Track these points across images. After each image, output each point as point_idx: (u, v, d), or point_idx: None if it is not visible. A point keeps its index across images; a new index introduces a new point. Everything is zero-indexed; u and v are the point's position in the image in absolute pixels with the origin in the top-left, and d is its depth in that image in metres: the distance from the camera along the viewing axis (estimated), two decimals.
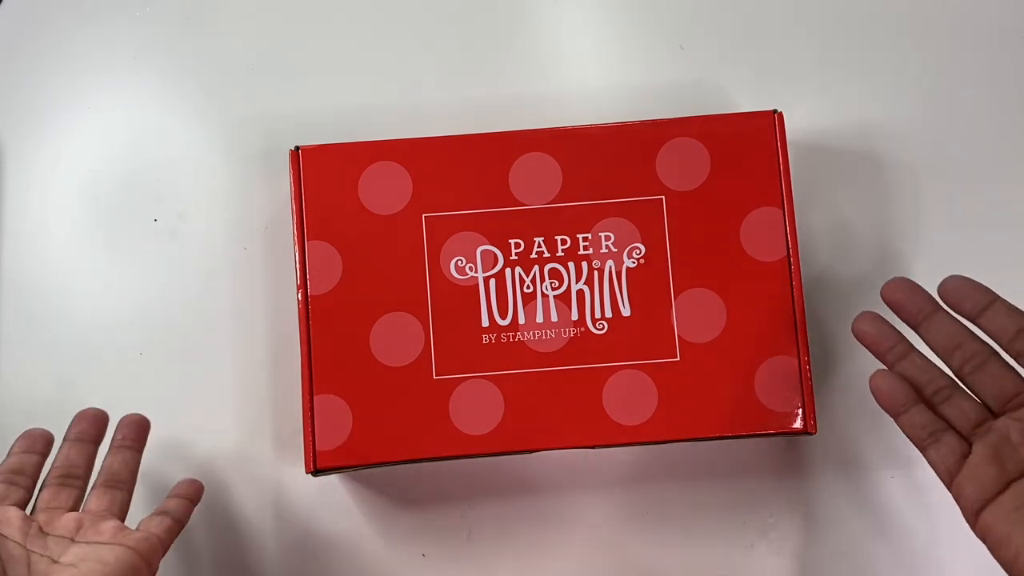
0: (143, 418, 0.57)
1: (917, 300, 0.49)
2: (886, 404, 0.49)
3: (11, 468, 0.52)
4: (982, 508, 0.45)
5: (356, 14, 0.65)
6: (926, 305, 0.49)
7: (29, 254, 0.63)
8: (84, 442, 0.54)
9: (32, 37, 0.66)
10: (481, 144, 0.56)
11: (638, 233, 0.56)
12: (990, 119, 0.63)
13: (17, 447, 0.53)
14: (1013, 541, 0.44)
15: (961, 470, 0.47)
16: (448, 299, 0.55)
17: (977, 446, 0.47)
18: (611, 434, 0.54)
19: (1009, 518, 0.44)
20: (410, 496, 0.60)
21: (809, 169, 0.61)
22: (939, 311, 0.49)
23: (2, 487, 0.51)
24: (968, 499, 0.46)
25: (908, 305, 0.49)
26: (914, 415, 0.48)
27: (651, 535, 0.60)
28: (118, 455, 0.55)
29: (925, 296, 0.49)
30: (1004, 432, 0.46)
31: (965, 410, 0.48)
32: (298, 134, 0.59)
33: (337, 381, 0.55)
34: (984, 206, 0.62)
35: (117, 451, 0.55)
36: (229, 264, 0.63)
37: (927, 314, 0.49)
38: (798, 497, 0.60)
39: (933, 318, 0.49)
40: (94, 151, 0.64)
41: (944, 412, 0.48)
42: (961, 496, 0.46)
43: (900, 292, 0.49)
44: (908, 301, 0.49)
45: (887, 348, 0.50)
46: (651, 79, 0.64)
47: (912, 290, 0.49)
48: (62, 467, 0.53)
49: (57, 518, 0.51)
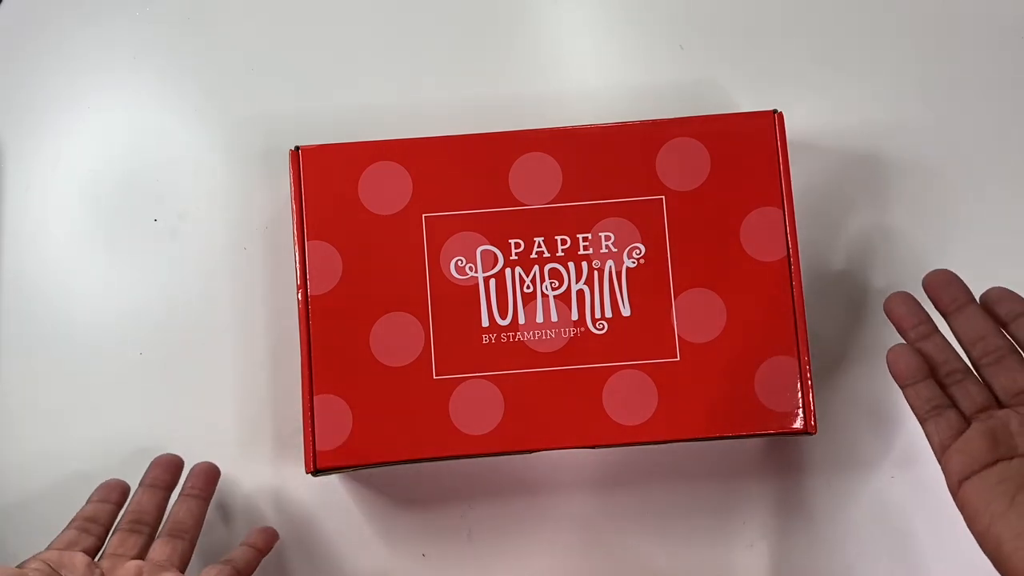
0: (214, 467, 0.58)
1: (954, 290, 0.51)
2: (897, 373, 0.50)
3: (86, 516, 0.54)
4: (966, 478, 0.47)
5: (356, 14, 0.65)
6: (961, 296, 0.51)
7: (29, 254, 0.63)
8: (157, 488, 0.55)
9: (32, 37, 0.66)
10: (481, 144, 0.56)
11: (638, 233, 0.55)
12: (990, 119, 0.63)
13: (95, 496, 0.55)
14: (989, 511, 0.45)
15: (954, 444, 0.48)
16: (448, 299, 0.55)
17: (975, 425, 0.48)
18: (611, 434, 0.54)
19: (991, 490, 0.46)
20: (410, 496, 0.60)
21: (809, 169, 0.61)
22: (972, 304, 0.51)
23: (74, 533, 0.53)
24: (954, 468, 0.47)
25: (945, 293, 0.51)
26: (921, 388, 0.50)
27: (651, 535, 0.60)
28: (185, 504, 0.55)
29: (963, 288, 0.51)
30: (1005, 420, 0.48)
31: (972, 394, 0.49)
32: (298, 134, 0.59)
33: (337, 381, 0.55)
34: (984, 206, 0.62)
35: (185, 499, 0.56)
36: (229, 264, 0.63)
37: (960, 305, 0.51)
38: (798, 497, 0.60)
39: (965, 309, 0.50)
40: (94, 151, 0.64)
41: (952, 392, 0.50)
42: (949, 465, 0.48)
43: (940, 280, 0.51)
44: (946, 290, 0.51)
45: (912, 325, 0.51)
46: (651, 79, 0.64)
47: (951, 280, 0.51)
48: (134, 512, 0.54)
49: (120, 565, 0.51)
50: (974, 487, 0.46)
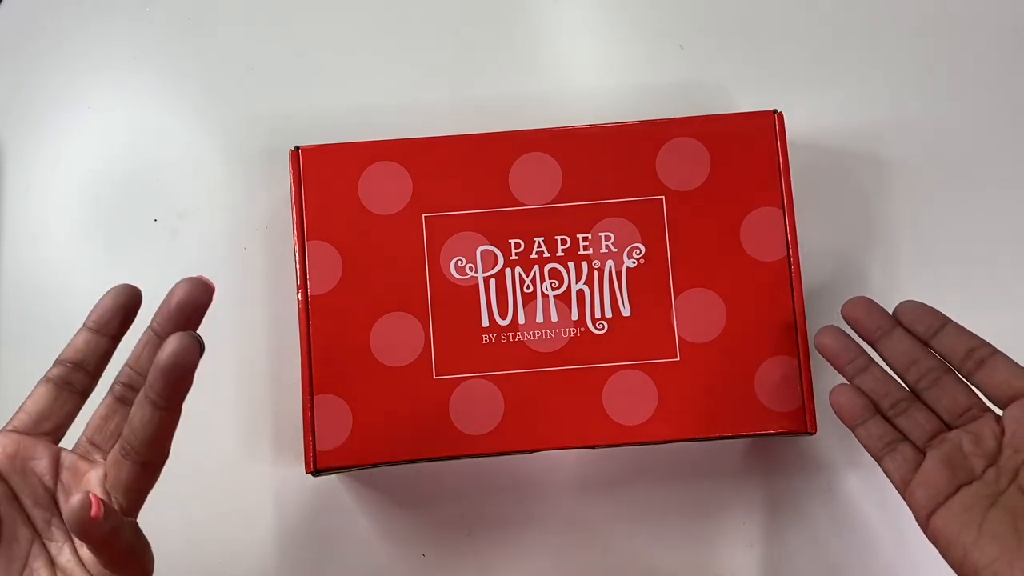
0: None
1: (875, 318, 0.51)
2: (844, 417, 0.50)
3: (72, 359, 0.45)
4: (933, 511, 0.47)
5: (356, 14, 0.65)
6: (884, 323, 0.50)
7: (29, 254, 0.63)
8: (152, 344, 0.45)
9: (32, 37, 0.66)
10: (481, 144, 0.56)
11: (638, 233, 0.56)
12: (990, 119, 0.63)
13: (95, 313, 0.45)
14: (961, 541, 0.45)
15: (914, 477, 0.48)
16: (448, 299, 0.55)
17: (930, 454, 0.48)
18: (611, 434, 0.54)
19: (958, 520, 0.46)
20: (410, 496, 0.60)
21: (809, 169, 0.61)
22: (896, 328, 0.50)
23: (50, 390, 0.43)
24: (920, 503, 0.47)
25: (866, 322, 0.51)
26: (871, 426, 0.50)
27: (651, 535, 0.60)
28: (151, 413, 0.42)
29: (883, 314, 0.51)
30: (957, 442, 0.48)
31: (920, 422, 0.49)
32: (298, 134, 0.59)
33: (337, 381, 0.55)
34: (984, 206, 0.62)
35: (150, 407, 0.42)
36: (229, 264, 0.63)
37: (885, 331, 0.50)
38: (798, 497, 0.60)
39: (891, 335, 0.50)
40: (94, 151, 0.64)
41: (900, 424, 0.50)
42: (913, 501, 0.48)
43: (859, 310, 0.51)
44: (867, 319, 0.51)
45: (847, 361, 0.51)
46: (651, 79, 0.64)
47: (870, 308, 0.51)
48: (128, 375, 0.45)
49: (82, 475, 0.43)
50: (942, 519, 0.46)
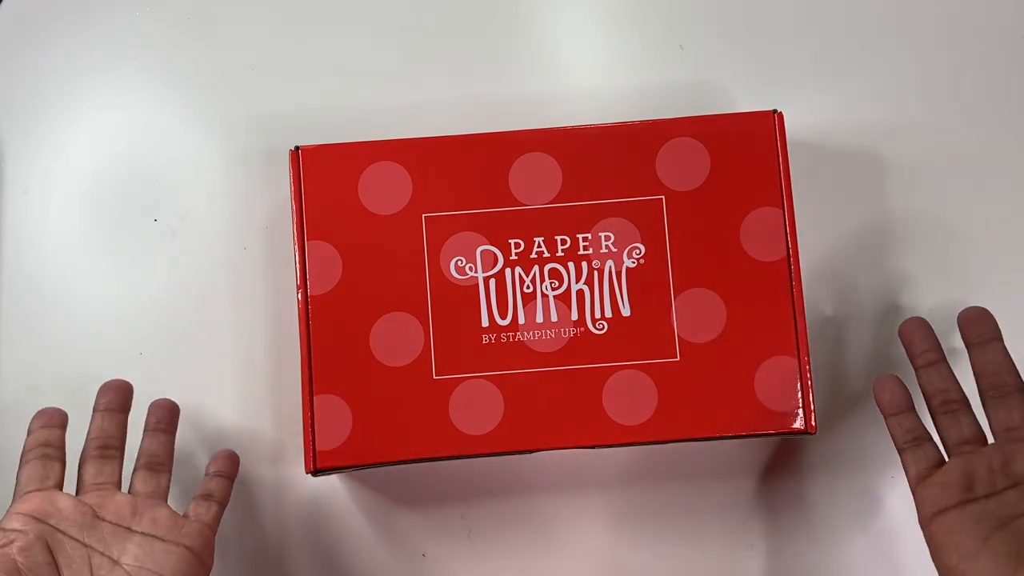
0: (173, 403, 0.57)
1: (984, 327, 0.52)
2: (883, 404, 0.52)
3: (40, 442, 0.51)
4: (942, 511, 0.47)
5: (356, 14, 0.65)
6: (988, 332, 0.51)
7: (29, 254, 0.63)
8: (114, 412, 0.54)
9: (32, 37, 0.66)
10: (481, 144, 0.56)
11: (638, 233, 0.55)
12: (990, 119, 0.63)
13: (36, 423, 0.53)
14: (959, 549, 0.46)
15: (931, 475, 0.49)
16: (448, 299, 0.55)
17: (954, 459, 0.49)
18: (611, 434, 0.54)
19: (965, 528, 0.46)
20: (410, 496, 0.60)
21: (809, 169, 0.61)
22: (997, 341, 0.51)
23: (39, 465, 0.50)
24: (931, 500, 0.48)
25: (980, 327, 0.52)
26: (903, 419, 0.51)
27: (651, 535, 0.60)
28: (155, 438, 0.55)
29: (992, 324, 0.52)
30: (987, 457, 0.48)
31: (962, 426, 0.50)
32: (298, 134, 0.59)
33: (337, 381, 0.55)
34: (984, 205, 0.62)
35: (153, 434, 0.55)
36: (229, 264, 0.63)
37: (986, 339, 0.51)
38: (798, 497, 0.60)
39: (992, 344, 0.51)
40: (94, 151, 0.64)
41: (941, 422, 0.50)
42: (926, 495, 0.48)
43: (975, 313, 0.52)
44: (975, 325, 0.52)
45: (920, 351, 0.52)
46: (651, 79, 0.64)
47: (984, 316, 0.52)
48: (99, 438, 0.53)
49: (109, 500, 0.50)
50: (948, 522, 0.47)
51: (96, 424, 0.53)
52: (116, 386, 0.55)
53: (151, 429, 0.55)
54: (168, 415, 0.56)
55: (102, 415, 0.54)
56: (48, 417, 0.53)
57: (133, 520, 0.50)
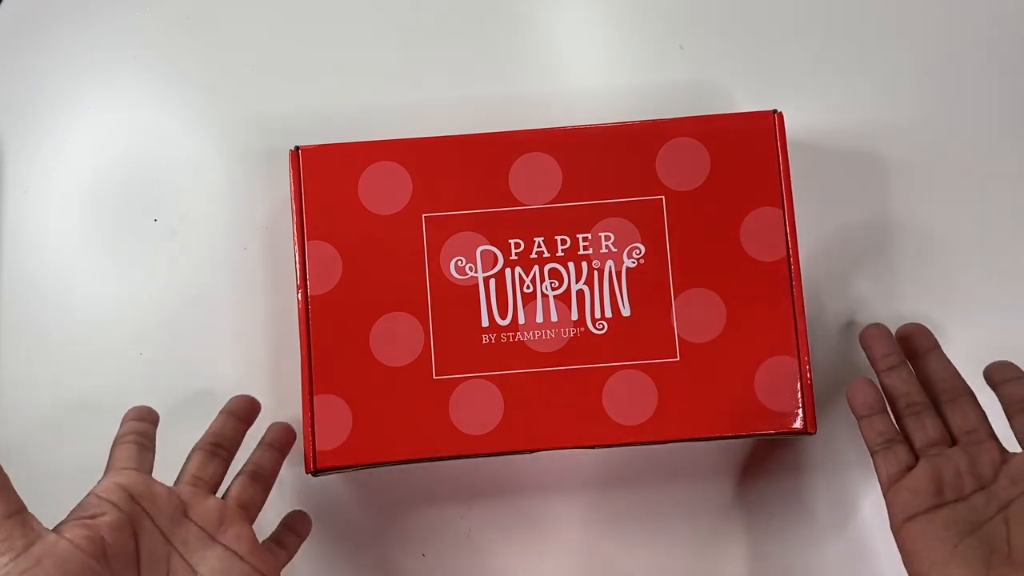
0: (292, 429, 0.57)
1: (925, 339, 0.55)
2: (855, 406, 0.52)
3: (135, 431, 0.51)
4: (912, 517, 0.47)
5: (356, 14, 0.65)
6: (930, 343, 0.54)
7: (29, 254, 0.63)
8: (238, 419, 0.54)
9: (32, 37, 0.66)
10: (481, 144, 0.56)
11: (638, 233, 0.56)
12: (990, 119, 0.63)
13: (131, 415, 0.52)
14: (929, 556, 0.46)
15: (901, 480, 0.49)
16: (448, 299, 0.55)
17: (923, 462, 0.49)
18: (611, 434, 0.54)
19: (934, 534, 0.46)
20: (410, 496, 0.60)
21: (809, 169, 0.61)
22: (938, 349, 0.54)
23: (135, 448, 0.49)
24: (899, 507, 0.48)
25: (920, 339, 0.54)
26: (876, 421, 0.51)
27: (651, 535, 0.60)
28: (267, 452, 0.55)
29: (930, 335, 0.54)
30: (953, 459, 0.49)
31: (927, 427, 0.50)
32: (298, 134, 0.59)
33: (337, 381, 0.55)
34: (984, 206, 0.62)
35: (267, 449, 0.55)
36: (229, 264, 0.63)
37: (928, 349, 0.54)
38: (798, 497, 0.60)
39: (935, 352, 0.54)
40: (94, 151, 0.64)
41: (907, 424, 0.51)
42: (896, 500, 0.48)
43: (912, 328, 0.55)
44: (918, 335, 0.54)
45: (882, 355, 0.53)
46: (651, 79, 0.64)
47: (921, 330, 0.55)
48: (215, 435, 0.53)
49: (201, 500, 0.50)
50: (918, 528, 0.47)
51: (218, 422, 0.54)
52: (247, 397, 0.56)
53: (266, 444, 0.55)
54: (285, 436, 0.56)
55: (226, 417, 0.54)
56: (144, 412, 0.53)
57: (218, 529, 0.49)
